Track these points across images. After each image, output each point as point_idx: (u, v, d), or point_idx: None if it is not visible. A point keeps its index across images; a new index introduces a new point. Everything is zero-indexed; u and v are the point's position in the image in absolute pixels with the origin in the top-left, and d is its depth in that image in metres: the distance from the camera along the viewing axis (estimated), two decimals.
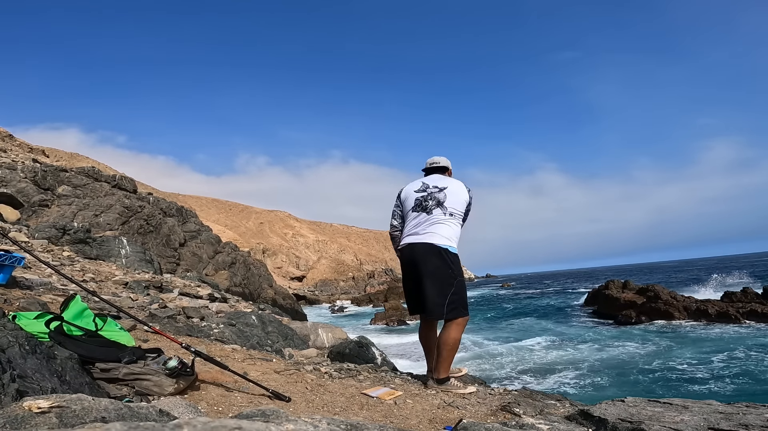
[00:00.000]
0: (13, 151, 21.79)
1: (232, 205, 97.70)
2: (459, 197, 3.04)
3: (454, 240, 2.98)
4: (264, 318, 6.06)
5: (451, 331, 2.91)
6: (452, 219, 2.99)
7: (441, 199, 3.02)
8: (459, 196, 3.05)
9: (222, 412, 2.12)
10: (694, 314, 19.25)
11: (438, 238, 2.94)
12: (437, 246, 2.92)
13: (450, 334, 2.91)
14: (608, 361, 12.96)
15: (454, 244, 2.97)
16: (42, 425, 1.02)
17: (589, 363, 12.93)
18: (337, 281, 70.88)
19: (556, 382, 11.17)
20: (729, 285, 29.76)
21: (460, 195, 3.06)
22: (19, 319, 2.20)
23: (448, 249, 2.94)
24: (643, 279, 47.58)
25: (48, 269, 5.23)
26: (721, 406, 2.29)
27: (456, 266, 2.94)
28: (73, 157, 60.53)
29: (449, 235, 2.96)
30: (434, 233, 2.95)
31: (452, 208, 3.00)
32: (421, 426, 2.29)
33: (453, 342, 2.92)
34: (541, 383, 11.19)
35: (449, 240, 2.96)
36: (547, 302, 36.44)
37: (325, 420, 1.24)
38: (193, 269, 18.53)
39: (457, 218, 3.02)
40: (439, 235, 2.95)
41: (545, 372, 12.30)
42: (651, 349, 14.05)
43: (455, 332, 2.92)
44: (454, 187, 3.08)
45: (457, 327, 2.93)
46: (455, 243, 2.98)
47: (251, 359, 3.37)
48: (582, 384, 10.92)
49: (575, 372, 12.08)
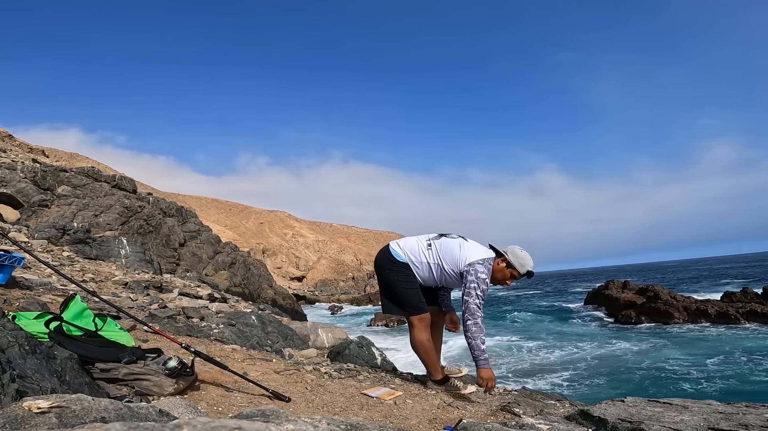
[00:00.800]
0: (12, 151, 21.78)
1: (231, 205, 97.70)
2: (453, 256, 3.06)
3: (411, 259, 3.07)
4: (264, 318, 6.05)
5: (412, 334, 3.00)
6: (429, 265, 3.10)
7: (438, 246, 3.16)
8: (455, 258, 3.05)
9: (222, 412, 2.12)
10: (693, 314, 19.25)
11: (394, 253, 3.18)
12: (389, 250, 3.15)
13: (413, 338, 3.00)
14: (608, 361, 12.96)
15: (402, 254, 3.06)
16: (42, 425, 1.02)
17: (589, 363, 12.93)
18: (337, 281, 70.87)
19: (556, 382, 11.16)
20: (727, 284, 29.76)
21: (454, 257, 3.06)
22: (18, 319, 2.20)
23: (395, 259, 3.06)
24: (643, 279, 47.59)
25: (48, 269, 5.23)
26: (720, 406, 2.29)
27: (394, 267, 3.03)
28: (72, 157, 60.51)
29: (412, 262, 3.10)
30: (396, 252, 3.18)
31: (443, 261, 3.09)
32: (421, 426, 2.29)
33: (418, 343, 2.98)
34: (541, 383, 11.18)
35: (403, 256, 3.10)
36: (547, 302, 36.45)
37: (325, 420, 1.24)
38: (193, 269, 18.52)
39: (440, 275, 3.07)
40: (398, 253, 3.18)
41: (545, 372, 12.30)
42: (650, 349, 14.05)
43: (412, 333, 2.99)
44: (468, 249, 3.07)
45: (413, 327, 2.98)
46: (403, 255, 3.06)
47: (251, 359, 3.37)
48: (582, 384, 10.92)
49: (575, 372, 12.08)
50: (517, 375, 12.15)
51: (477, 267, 2.82)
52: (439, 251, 2.96)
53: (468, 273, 2.83)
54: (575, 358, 13.72)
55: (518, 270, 2.91)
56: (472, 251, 2.92)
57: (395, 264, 3.00)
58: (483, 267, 2.85)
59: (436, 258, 2.96)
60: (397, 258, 3.01)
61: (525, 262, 2.90)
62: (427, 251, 2.98)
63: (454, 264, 2.92)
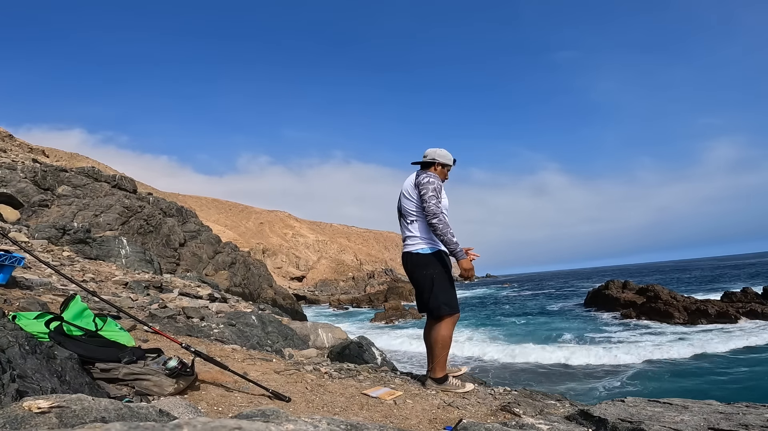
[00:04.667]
0: (13, 151, 21.79)
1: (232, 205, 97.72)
2: (409, 195, 3.06)
3: (422, 239, 3.04)
4: (264, 318, 6.06)
5: (439, 329, 3.00)
6: (415, 223, 3.07)
7: (399, 207, 3.17)
8: (409, 193, 3.07)
9: (222, 412, 2.12)
10: (693, 314, 19.24)
11: (410, 246, 3.08)
12: (411, 253, 3.07)
13: (438, 332, 3.00)
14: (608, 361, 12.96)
15: (423, 244, 3.03)
16: (42, 425, 1.02)
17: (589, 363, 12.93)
18: (336, 281, 70.87)
19: (556, 382, 11.17)
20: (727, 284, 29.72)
21: (409, 190, 3.07)
22: (19, 319, 2.21)
23: (418, 252, 3.03)
24: (643, 279, 47.60)
25: (48, 269, 5.23)
26: (721, 406, 2.29)
27: (429, 265, 3.01)
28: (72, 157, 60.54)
29: (417, 237, 3.05)
30: (408, 243, 3.10)
31: (407, 211, 3.08)
32: (421, 426, 2.29)
33: (441, 339, 2.99)
34: (540, 383, 11.18)
35: (419, 242, 3.04)
36: (547, 302, 36.45)
37: (325, 420, 1.24)
38: (193, 269, 18.52)
39: (416, 217, 3.05)
40: (410, 243, 3.08)
41: (545, 371, 12.30)
42: (651, 349, 14.05)
43: (443, 330, 2.99)
44: (405, 185, 3.13)
45: (445, 325, 2.99)
46: (424, 243, 3.03)
47: (251, 359, 3.37)
48: (582, 384, 10.93)
49: (575, 372, 12.08)
50: (517, 376, 12.15)
51: (421, 179, 2.98)
52: (407, 215, 3.07)
53: (418, 187, 2.98)
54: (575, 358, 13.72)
55: (448, 163, 3.19)
56: (409, 182, 3.07)
57: (426, 257, 3.02)
58: (424, 174, 3.02)
59: (412, 215, 3.05)
60: (421, 253, 3.02)
61: (447, 154, 3.18)
62: (410, 224, 3.06)
63: (412, 201, 3.03)
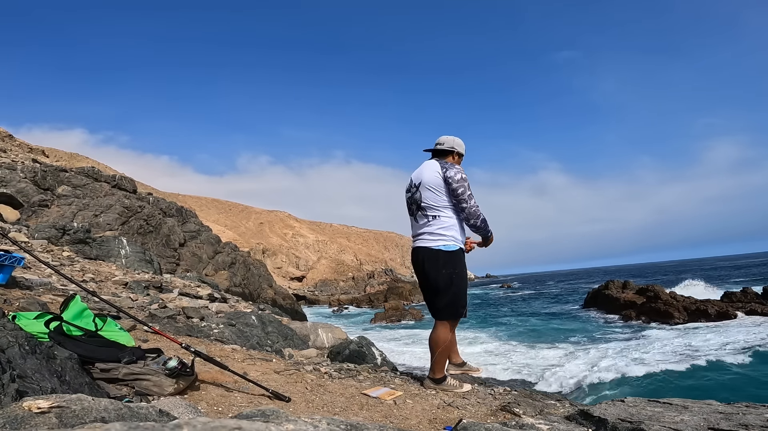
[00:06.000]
0: (12, 151, 21.77)
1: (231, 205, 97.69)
2: (434, 189, 2.82)
3: (446, 236, 2.83)
4: (264, 318, 6.05)
5: (439, 330, 2.94)
6: (439, 217, 2.84)
7: (418, 199, 2.91)
8: (433, 187, 2.82)
9: (222, 412, 2.12)
10: (693, 314, 19.24)
11: (430, 241, 2.85)
12: (431, 249, 2.85)
13: (438, 333, 2.94)
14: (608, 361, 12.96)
15: (449, 241, 2.83)
16: (42, 425, 1.02)
17: (589, 363, 12.93)
18: (336, 281, 70.84)
19: (556, 382, 11.16)
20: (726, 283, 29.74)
21: (434, 183, 2.82)
22: (18, 319, 2.20)
23: (440, 249, 2.83)
24: (643, 279, 47.59)
25: (48, 269, 5.23)
26: (721, 406, 2.29)
27: (450, 264, 2.83)
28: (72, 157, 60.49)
29: (440, 233, 2.84)
30: (426, 238, 2.87)
31: (430, 205, 2.84)
32: (421, 426, 2.29)
33: (442, 341, 2.93)
34: (540, 383, 11.18)
35: (441, 239, 2.84)
36: (547, 302, 36.44)
37: (325, 420, 1.24)
38: (193, 269, 18.52)
39: (440, 211, 2.84)
40: (430, 238, 2.85)
41: (545, 372, 12.29)
42: (650, 349, 14.04)
43: (443, 331, 2.93)
44: (426, 176, 2.87)
45: (448, 327, 2.95)
46: (450, 239, 2.83)
47: (251, 359, 3.37)
48: (582, 384, 10.92)
49: (575, 371, 12.07)
50: (517, 376, 12.15)
51: (452, 174, 2.80)
52: (428, 208, 2.86)
53: (449, 182, 2.80)
54: (575, 358, 13.72)
55: (463, 153, 3.11)
56: (433, 174, 2.85)
57: (450, 254, 2.85)
58: (452, 166, 2.85)
59: (435, 210, 2.85)
60: (444, 250, 2.84)
61: (463, 144, 3.12)
62: (433, 219, 2.86)
63: (439, 194, 2.83)
